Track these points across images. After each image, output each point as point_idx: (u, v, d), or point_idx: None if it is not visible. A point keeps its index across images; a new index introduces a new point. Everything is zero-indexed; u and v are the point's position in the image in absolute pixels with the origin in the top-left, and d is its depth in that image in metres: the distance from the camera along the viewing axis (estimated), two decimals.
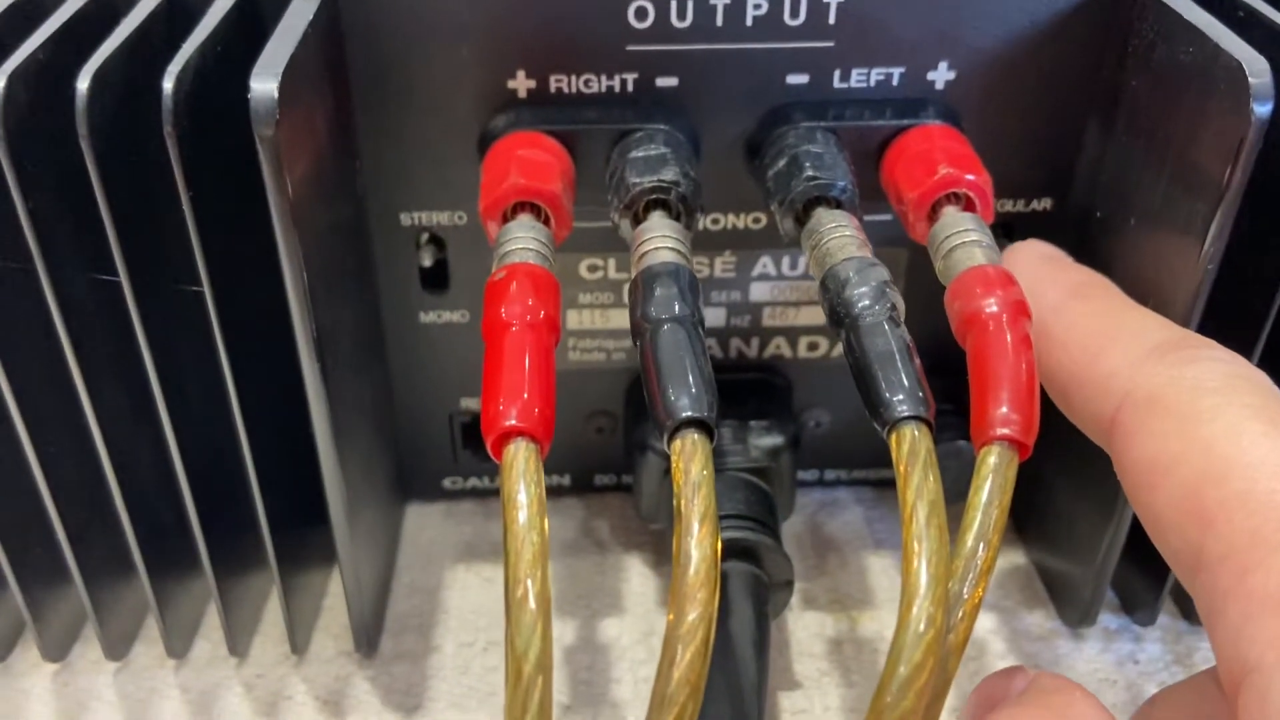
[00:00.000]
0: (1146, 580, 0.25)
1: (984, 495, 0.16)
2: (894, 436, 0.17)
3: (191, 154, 0.18)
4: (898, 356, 0.17)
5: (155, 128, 0.18)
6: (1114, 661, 0.25)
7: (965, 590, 0.16)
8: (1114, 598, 0.26)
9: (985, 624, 0.26)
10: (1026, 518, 0.28)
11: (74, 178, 0.18)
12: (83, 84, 0.17)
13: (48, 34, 0.19)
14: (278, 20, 0.20)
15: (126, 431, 0.21)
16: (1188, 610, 0.26)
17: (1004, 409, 0.17)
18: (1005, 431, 0.17)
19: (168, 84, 0.17)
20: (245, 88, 0.17)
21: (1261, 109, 0.18)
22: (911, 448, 0.16)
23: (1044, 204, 0.25)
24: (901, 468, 0.16)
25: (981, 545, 0.16)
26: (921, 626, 0.15)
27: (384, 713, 0.24)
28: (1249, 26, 0.20)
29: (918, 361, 0.18)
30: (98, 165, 0.18)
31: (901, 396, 0.17)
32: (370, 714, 0.24)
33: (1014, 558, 0.27)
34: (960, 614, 0.16)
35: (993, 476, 0.17)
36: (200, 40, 0.18)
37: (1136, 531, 0.23)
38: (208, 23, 0.19)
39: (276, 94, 0.17)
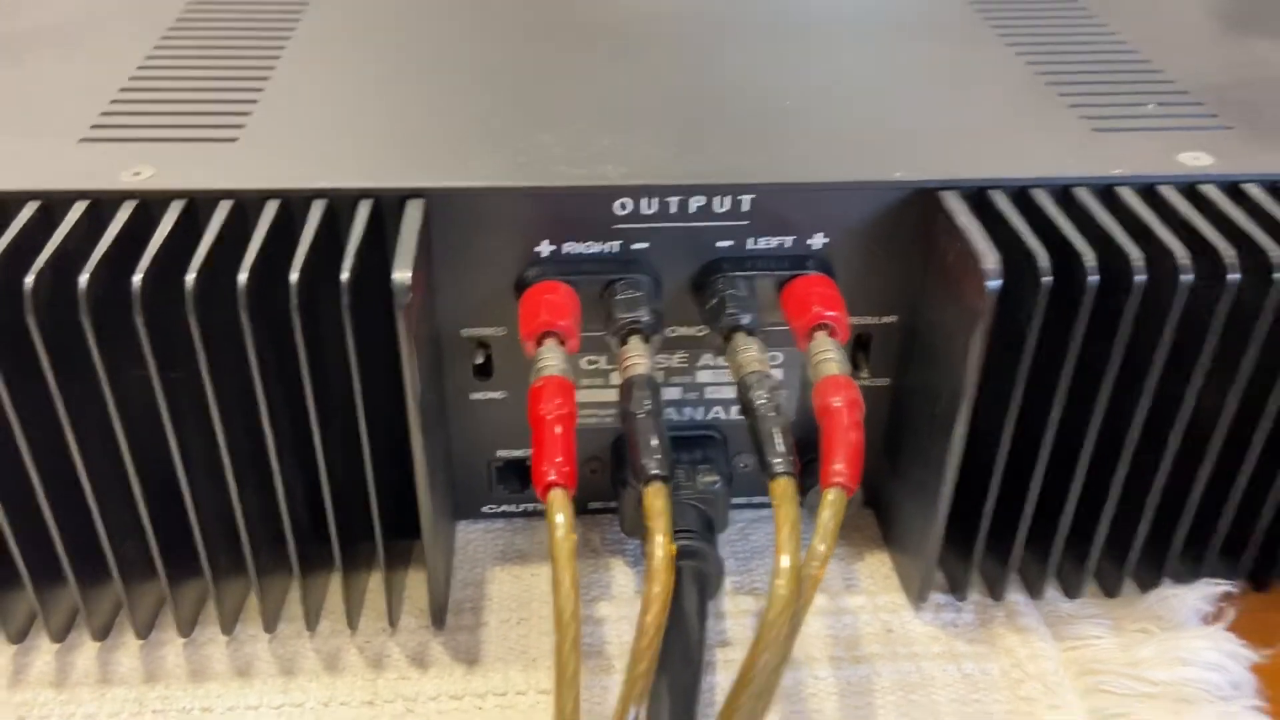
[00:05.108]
0: (963, 569, 0.37)
1: (825, 515, 0.28)
2: (772, 483, 0.29)
3: (354, 315, 0.30)
4: (777, 435, 0.29)
5: (334, 298, 0.29)
6: (940, 625, 0.37)
7: (812, 570, 0.28)
8: (945, 583, 0.38)
9: (858, 601, 0.38)
10: (889, 530, 0.40)
11: (285, 327, 0.30)
12: (293, 276, 0.29)
13: (258, 245, 0.30)
14: (393, 217, 0.31)
15: (292, 476, 0.33)
16: (992, 590, 0.38)
17: (839, 465, 0.29)
18: (839, 480, 0.29)
19: (344, 276, 0.29)
20: (384, 269, 0.29)
21: (992, 285, 0.30)
22: (782, 490, 0.28)
23: (892, 319, 0.37)
24: (775, 501, 0.28)
25: (822, 545, 0.28)
26: (782, 590, 0.27)
27: (453, 666, 0.35)
28: (998, 225, 0.32)
29: (791, 439, 0.30)
30: (301, 322, 0.29)
31: (778, 459, 0.29)
32: (444, 668, 0.35)
33: (882, 558, 0.40)
34: (808, 583, 0.27)
35: (831, 505, 0.28)
36: (357, 243, 0.30)
37: (953, 536, 0.35)
38: (356, 231, 0.31)
39: (409, 280, 0.29)
